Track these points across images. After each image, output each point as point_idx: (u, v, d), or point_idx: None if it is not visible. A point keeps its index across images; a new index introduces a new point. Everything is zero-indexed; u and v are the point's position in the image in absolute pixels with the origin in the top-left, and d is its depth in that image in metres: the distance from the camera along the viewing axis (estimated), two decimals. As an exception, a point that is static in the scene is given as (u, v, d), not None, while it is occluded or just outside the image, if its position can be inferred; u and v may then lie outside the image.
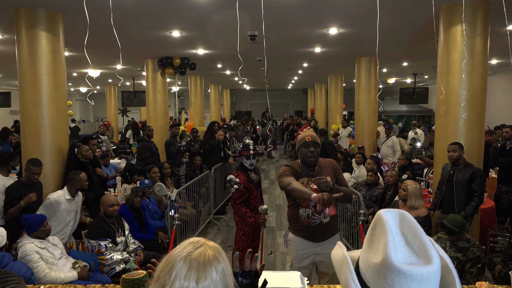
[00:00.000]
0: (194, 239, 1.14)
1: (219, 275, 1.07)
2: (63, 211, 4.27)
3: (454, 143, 4.53)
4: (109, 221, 4.09)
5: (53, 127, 5.22)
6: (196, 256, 1.06)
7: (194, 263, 1.05)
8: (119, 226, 4.17)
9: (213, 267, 1.07)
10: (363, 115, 9.35)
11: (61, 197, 4.27)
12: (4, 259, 3.03)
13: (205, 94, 15.85)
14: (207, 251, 1.09)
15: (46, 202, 4.25)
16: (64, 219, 4.28)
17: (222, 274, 1.08)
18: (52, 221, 4.07)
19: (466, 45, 4.74)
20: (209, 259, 1.07)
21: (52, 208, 4.20)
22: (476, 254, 3.37)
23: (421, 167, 7.29)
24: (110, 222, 4.09)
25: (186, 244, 1.11)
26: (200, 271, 1.04)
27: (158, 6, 5.17)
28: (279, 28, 6.48)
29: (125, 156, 9.69)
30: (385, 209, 1.00)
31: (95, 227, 4.02)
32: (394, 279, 0.87)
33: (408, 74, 14.25)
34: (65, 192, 4.34)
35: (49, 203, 4.22)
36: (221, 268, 1.08)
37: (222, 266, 1.09)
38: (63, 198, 4.28)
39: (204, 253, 1.08)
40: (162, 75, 9.58)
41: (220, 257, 1.10)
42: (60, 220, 4.25)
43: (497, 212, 5.58)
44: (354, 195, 5.38)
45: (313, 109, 19.38)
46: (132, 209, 4.75)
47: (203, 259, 1.06)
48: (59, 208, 4.23)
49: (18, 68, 5.19)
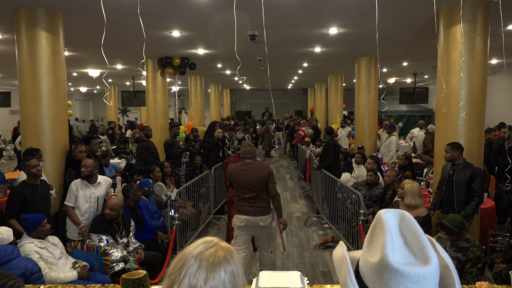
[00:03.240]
0: (208, 238, 1.16)
1: (227, 276, 1.08)
2: (83, 198, 4.34)
3: (449, 144, 4.54)
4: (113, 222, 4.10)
5: (53, 127, 5.22)
6: (206, 256, 1.08)
7: (204, 262, 1.07)
8: (123, 227, 4.16)
9: (222, 268, 1.08)
10: (363, 115, 9.36)
11: (81, 182, 4.36)
12: (14, 252, 3.11)
13: (205, 94, 15.85)
14: (218, 251, 1.10)
15: (70, 187, 4.36)
16: (85, 205, 4.35)
17: (231, 275, 1.09)
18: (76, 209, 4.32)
19: (466, 45, 4.74)
20: (219, 259, 1.08)
21: (74, 191, 4.33)
22: (476, 254, 3.37)
23: (421, 167, 7.29)
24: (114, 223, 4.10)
25: (199, 243, 1.13)
26: (209, 271, 1.06)
27: (158, 6, 5.17)
28: (279, 28, 6.48)
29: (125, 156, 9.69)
30: (385, 209, 1.00)
31: (97, 222, 4.06)
32: (391, 279, 0.87)
33: (408, 74, 14.25)
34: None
35: (71, 188, 4.34)
36: (230, 269, 1.09)
37: (232, 267, 1.10)
38: (83, 184, 4.36)
39: (214, 254, 1.09)
40: (162, 75, 9.58)
41: (230, 259, 1.11)
42: (80, 206, 4.35)
43: (497, 212, 5.58)
44: (354, 195, 5.38)
45: (313, 109, 19.38)
46: (129, 208, 4.74)
47: (213, 259, 1.08)
48: (80, 194, 4.33)
49: (18, 68, 5.19)
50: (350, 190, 5.63)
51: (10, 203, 4.08)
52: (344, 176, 7.16)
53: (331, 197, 6.44)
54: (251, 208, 4.07)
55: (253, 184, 4.05)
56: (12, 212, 4.01)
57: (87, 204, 4.36)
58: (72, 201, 4.31)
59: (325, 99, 17.08)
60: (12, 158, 14.44)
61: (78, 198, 4.32)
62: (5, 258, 3.02)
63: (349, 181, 7.02)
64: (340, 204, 6.03)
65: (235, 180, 4.14)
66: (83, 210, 4.33)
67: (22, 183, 4.23)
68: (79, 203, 4.32)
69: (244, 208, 4.08)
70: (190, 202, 6.18)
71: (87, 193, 4.36)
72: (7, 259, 3.03)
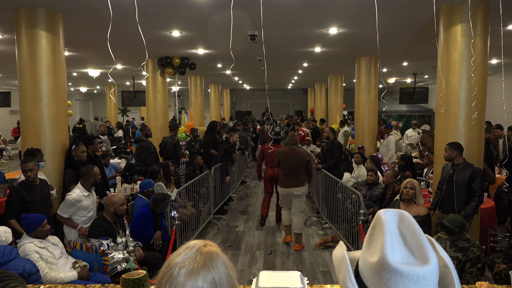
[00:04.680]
0: (191, 243, 1.11)
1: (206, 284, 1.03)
2: (84, 208, 4.38)
3: (448, 143, 4.58)
4: (111, 221, 4.09)
5: (53, 127, 5.23)
6: (185, 264, 1.04)
7: (183, 271, 1.03)
8: (121, 226, 4.17)
9: (201, 277, 1.03)
10: (363, 115, 9.36)
11: (80, 195, 4.37)
12: (12, 253, 3.11)
13: (205, 94, 15.85)
14: (197, 258, 1.05)
15: (66, 202, 4.34)
16: (86, 215, 4.39)
17: (210, 284, 1.04)
18: (76, 218, 4.35)
19: (466, 45, 4.73)
20: (197, 268, 1.04)
21: (74, 206, 4.33)
22: (476, 254, 3.37)
23: (421, 167, 7.30)
24: (112, 222, 4.10)
25: (182, 249, 1.09)
26: (186, 280, 1.02)
27: (158, 6, 5.17)
28: (279, 28, 6.48)
29: (125, 156, 9.70)
30: (385, 209, 1.00)
31: (97, 226, 4.04)
32: (390, 278, 0.87)
33: (408, 74, 14.25)
34: (81, 189, 4.41)
35: (69, 203, 4.32)
36: (210, 278, 1.04)
37: (211, 275, 1.04)
38: (82, 196, 4.37)
39: (193, 262, 1.05)
40: (162, 75, 9.58)
41: (211, 266, 1.06)
42: (82, 216, 4.38)
43: (497, 212, 5.58)
44: (354, 195, 5.38)
45: (313, 109, 19.38)
46: (153, 212, 4.75)
47: (191, 267, 1.04)
48: (82, 206, 4.35)
49: (18, 68, 5.19)
50: (350, 190, 5.63)
51: (9, 203, 4.08)
52: (344, 176, 7.16)
53: (331, 197, 6.44)
54: (290, 181, 5.57)
55: (295, 164, 5.57)
56: (12, 212, 4.01)
57: (91, 212, 4.46)
58: (68, 215, 4.35)
59: (325, 99, 17.08)
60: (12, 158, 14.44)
61: (80, 210, 4.37)
62: (4, 259, 3.02)
63: (349, 181, 7.02)
64: (340, 204, 6.03)
65: (283, 159, 5.66)
66: (89, 216, 4.38)
67: (21, 183, 4.22)
68: (83, 214, 4.38)
69: (284, 182, 5.63)
70: (190, 202, 6.18)
71: (89, 202, 4.44)
72: (6, 260, 3.03)
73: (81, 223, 4.34)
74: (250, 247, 5.76)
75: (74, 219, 4.36)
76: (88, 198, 4.42)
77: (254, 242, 6.00)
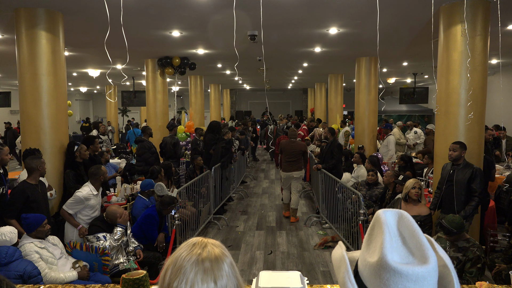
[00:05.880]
0: (197, 239, 1.10)
1: (229, 269, 1.05)
2: (90, 207, 4.39)
3: (456, 143, 4.52)
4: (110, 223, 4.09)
5: (53, 127, 5.23)
6: (206, 257, 1.04)
7: (207, 264, 1.03)
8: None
9: (225, 263, 1.05)
10: (363, 115, 9.36)
11: (89, 193, 4.38)
12: (15, 254, 3.12)
13: (205, 94, 15.84)
14: (214, 249, 1.07)
15: (75, 198, 4.35)
16: (91, 215, 4.40)
17: (230, 267, 1.06)
18: (80, 216, 4.35)
19: (466, 45, 4.73)
20: (219, 256, 1.05)
21: (82, 203, 4.33)
22: (476, 254, 3.37)
23: (421, 167, 7.30)
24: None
25: (190, 246, 1.07)
26: (215, 270, 1.03)
27: (158, 6, 5.17)
28: (279, 28, 6.48)
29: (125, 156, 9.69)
30: (384, 209, 1.00)
31: (94, 226, 4.06)
32: (390, 278, 0.87)
33: (408, 74, 14.25)
34: (91, 188, 4.43)
35: (78, 200, 4.33)
36: (229, 261, 1.07)
37: (229, 259, 1.07)
38: (91, 194, 4.39)
39: (213, 252, 1.06)
40: (162, 75, 9.58)
41: (224, 251, 1.09)
42: (87, 215, 4.38)
43: (497, 212, 5.58)
44: (354, 195, 5.39)
45: (313, 109, 19.37)
46: (159, 214, 4.74)
47: (214, 257, 1.05)
48: (89, 204, 4.37)
49: (18, 68, 5.19)
50: (350, 190, 5.63)
51: (12, 203, 4.05)
52: (344, 176, 7.16)
53: (331, 197, 6.44)
54: (290, 166, 7.03)
55: (294, 153, 7.02)
56: (14, 212, 3.99)
57: (96, 213, 4.47)
58: (73, 212, 4.35)
59: (325, 99, 17.07)
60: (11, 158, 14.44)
61: (86, 208, 4.38)
62: (6, 260, 3.02)
63: (349, 181, 7.02)
64: (340, 204, 6.03)
65: (285, 149, 7.08)
66: (93, 216, 4.41)
67: (24, 182, 4.20)
68: (88, 213, 4.39)
69: (285, 167, 7.08)
70: (190, 202, 6.18)
71: (96, 202, 4.47)
72: (8, 261, 3.03)
73: (84, 223, 4.33)
74: (250, 247, 5.77)
75: (78, 218, 4.35)
76: (96, 198, 4.45)
77: (254, 242, 6.00)
